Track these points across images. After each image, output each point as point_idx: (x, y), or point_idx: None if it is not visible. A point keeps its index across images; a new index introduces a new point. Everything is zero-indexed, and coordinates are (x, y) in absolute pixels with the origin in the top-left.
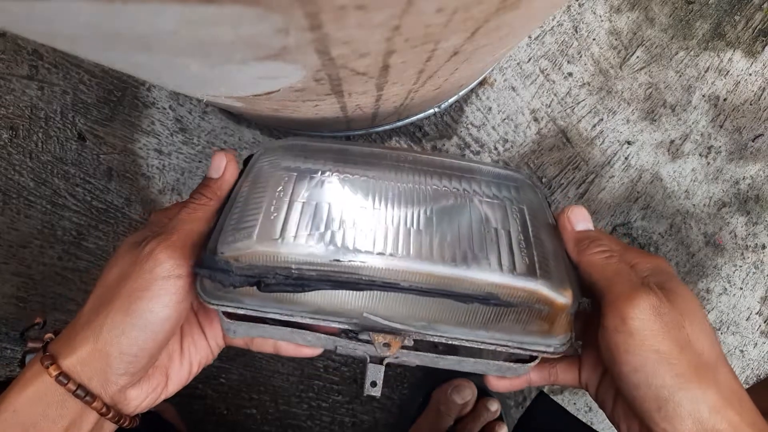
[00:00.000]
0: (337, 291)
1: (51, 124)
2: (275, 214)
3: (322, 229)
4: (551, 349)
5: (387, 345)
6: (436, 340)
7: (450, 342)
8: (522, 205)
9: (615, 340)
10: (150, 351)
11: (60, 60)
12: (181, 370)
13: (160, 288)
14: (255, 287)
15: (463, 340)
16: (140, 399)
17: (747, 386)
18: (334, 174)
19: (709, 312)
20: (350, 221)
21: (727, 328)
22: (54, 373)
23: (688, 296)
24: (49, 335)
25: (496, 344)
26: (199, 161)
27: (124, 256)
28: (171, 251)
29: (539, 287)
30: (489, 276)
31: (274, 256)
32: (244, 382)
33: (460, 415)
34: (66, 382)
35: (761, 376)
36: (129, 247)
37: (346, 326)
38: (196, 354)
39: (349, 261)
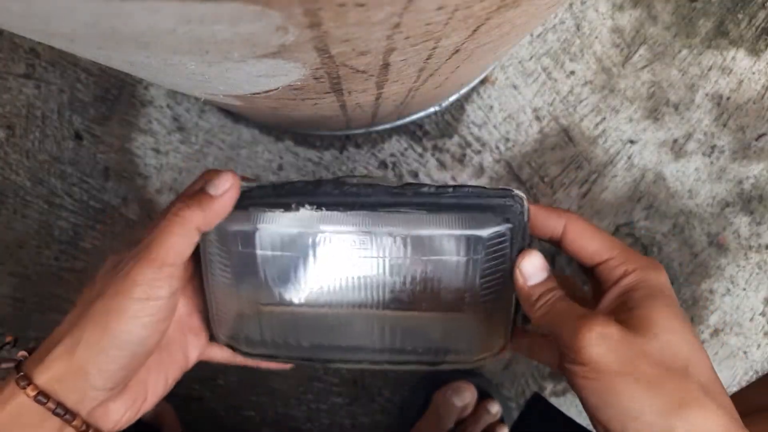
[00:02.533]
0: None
1: (48, 123)
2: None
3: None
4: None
5: None
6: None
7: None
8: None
9: (572, 370)
10: (130, 367)
11: (57, 58)
12: (157, 383)
13: (139, 310)
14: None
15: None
16: (120, 413)
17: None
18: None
19: (712, 313)
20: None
21: (731, 330)
22: (32, 393)
23: (655, 309)
24: (22, 353)
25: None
26: (197, 160)
27: (104, 277)
28: (149, 273)
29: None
30: (455, 360)
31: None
32: (242, 383)
33: (461, 417)
34: (45, 401)
35: None
36: (108, 268)
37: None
38: (173, 368)
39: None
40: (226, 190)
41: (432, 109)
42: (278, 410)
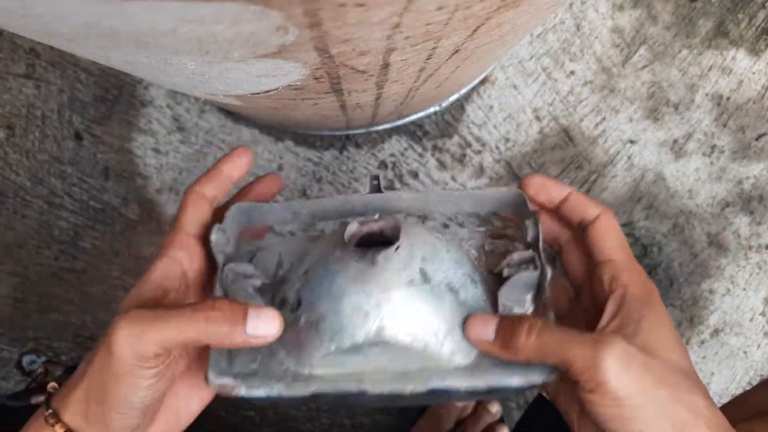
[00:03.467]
0: None
1: (48, 123)
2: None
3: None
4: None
5: None
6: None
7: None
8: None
9: (590, 398)
10: (146, 411)
11: (57, 58)
12: (190, 402)
13: (133, 377)
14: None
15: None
16: None
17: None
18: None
19: (712, 313)
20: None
21: (731, 330)
22: (61, 431)
23: (656, 324)
24: (52, 384)
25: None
26: (197, 160)
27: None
28: (137, 346)
29: None
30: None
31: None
32: None
33: (461, 417)
34: None
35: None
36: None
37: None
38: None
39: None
40: (258, 336)
41: (432, 109)
42: (278, 410)
